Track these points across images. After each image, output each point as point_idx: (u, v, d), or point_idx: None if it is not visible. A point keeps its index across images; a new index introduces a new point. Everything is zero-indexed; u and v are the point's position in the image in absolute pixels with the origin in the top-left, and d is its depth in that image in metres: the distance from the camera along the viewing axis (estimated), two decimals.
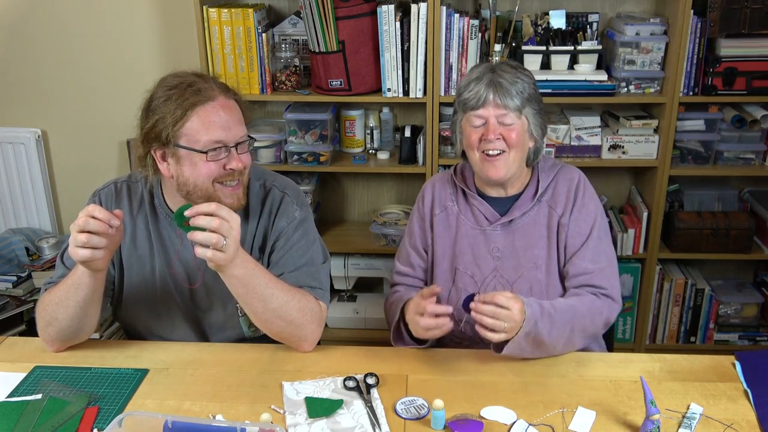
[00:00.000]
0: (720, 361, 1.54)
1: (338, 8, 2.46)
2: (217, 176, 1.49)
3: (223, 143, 1.47)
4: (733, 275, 2.98)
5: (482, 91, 1.62)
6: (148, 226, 1.63)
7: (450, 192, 1.80)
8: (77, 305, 1.48)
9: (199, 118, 1.45)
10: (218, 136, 1.46)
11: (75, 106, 3.00)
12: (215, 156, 1.47)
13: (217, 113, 1.47)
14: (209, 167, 1.47)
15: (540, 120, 1.67)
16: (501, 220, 1.71)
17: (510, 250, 1.70)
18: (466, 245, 1.73)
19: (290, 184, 1.70)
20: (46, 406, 1.40)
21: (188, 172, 1.49)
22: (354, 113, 2.76)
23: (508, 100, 1.61)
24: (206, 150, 1.46)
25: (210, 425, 1.25)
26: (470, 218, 1.75)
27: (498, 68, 1.65)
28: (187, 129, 1.46)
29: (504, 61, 1.75)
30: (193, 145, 1.46)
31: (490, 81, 1.62)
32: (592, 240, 1.67)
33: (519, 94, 1.61)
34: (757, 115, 2.55)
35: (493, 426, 1.35)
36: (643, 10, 2.69)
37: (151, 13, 2.85)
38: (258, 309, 1.49)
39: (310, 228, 1.66)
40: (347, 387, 1.46)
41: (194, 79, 1.49)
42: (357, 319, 2.91)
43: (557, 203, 1.70)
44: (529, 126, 1.65)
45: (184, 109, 1.45)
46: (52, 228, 3.12)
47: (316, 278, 1.62)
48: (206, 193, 1.50)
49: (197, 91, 1.47)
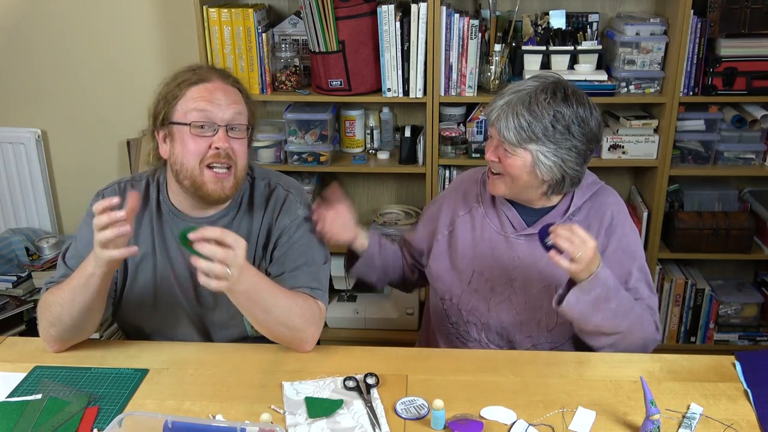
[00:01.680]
0: (720, 361, 1.54)
1: (338, 8, 2.46)
2: (205, 156, 1.49)
3: (209, 118, 1.49)
4: (733, 275, 2.98)
5: (495, 110, 1.55)
6: (151, 225, 1.64)
7: (477, 193, 1.75)
8: (84, 306, 1.48)
9: (187, 96, 1.50)
10: (204, 107, 1.48)
11: (75, 106, 3.00)
12: (200, 130, 1.48)
13: (208, 91, 1.51)
14: (197, 144, 1.49)
15: (555, 160, 1.53)
16: (527, 230, 1.65)
17: (531, 261, 1.65)
18: (487, 248, 1.69)
19: (294, 183, 1.70)
20: (46, 406, 1.40)
21: (178, 150, 1.51)
22: (354, 113, 2.76)
23: (505, 130, 1.53)
24: (187, 123, 1.48)
25: (210, 425, 1.25)
26: (496, 223, 1.69)
27: (531, 95, 1.53)
28: (180, 105, 1.50)
29: (552, 85, 1.55)
30: (182, 119, 1.50)
31: (507, 103, 1.54)
32: (635, 272, 1.62)
33: (517, 131, 1.51)
34: (757, 115, 2.55)
35: (493, 426, 1.34)
36: (643, 10, 2.69)
37: (151, 13, 2.85)
38: (260, 317, 1.49)
39: (312, 227, 1.66)
40: (347, 387, 1.46)
41: (200, 66, 1.57)
42: (357, 319, 2.91)
43: (591, 227, 1.62)
44: (535, 163, 1.54)
45: (180, 87, 1.51)
46: (52, 228, 3.12)
47: (316, 278, 1.62)
48: (192, 174, 1.50)
49: (195, 72, 1.53)
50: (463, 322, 1.72)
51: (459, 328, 1.73)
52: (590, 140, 1.56)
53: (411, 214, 2.87)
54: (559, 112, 1.51)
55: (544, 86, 1.54)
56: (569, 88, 1.55)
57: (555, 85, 1.55)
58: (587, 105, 1.56)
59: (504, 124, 1.53)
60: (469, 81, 2.57)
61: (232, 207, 1.63)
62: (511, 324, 1.67)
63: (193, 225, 1.37)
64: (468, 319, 1.71)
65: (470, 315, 1.70)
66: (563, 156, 1.54)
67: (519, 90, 1.55)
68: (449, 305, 1.73)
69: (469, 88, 2.58)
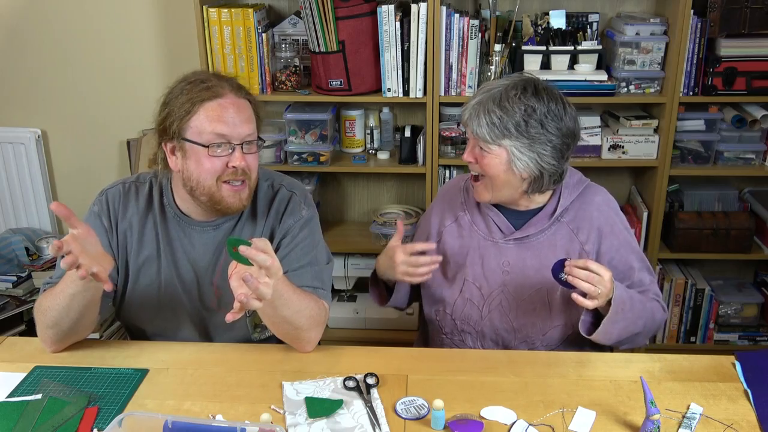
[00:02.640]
0: (720, 361, 1.54)
1: (338, 8, 2.46)
2: (221, 174, 1.50)
3: (226, 138, 1.48)
4: (733, 275, 2.98)
5: (467, 110, 1.57)
6: (156, 227, 1.63)
7: (461, 201, 1.74)
8: (79, 309, 1.48)
9: (205, 112, 1.48)
10: (221, 130, 1.48)
11: (75, 106, 3.00)
12: (216, 151, 1.48)
13: (223, 109, 1.49)
14: (212, 163, 1.49)
15: (531, 155, 1.54)
16: (515, 234, 1.65)
17: (521, 266, 1.65)
18: (476, 256, 1.68)
19: (297, 184, 1.71)
20: (46, 406, 1.40)
21: (193, 167, 1.51)
22: (354, 113, 2.76)
23: (477, 128, 1.54)
24: (208, 144, 1.47)
25: (210, 425, 1.25)
26: (483, 228, 1.69)
27: (503, 92, 1.54)
28: (194, 122, 1.48)
29: (523, 81, 1.56)
30: (197, 138, 1.48)
31: (479, 102, 1.55)
32: (636, 264, 1.65)
33: (490, 126, 1.52)
34: (757, 115, 2.55)
35: (493, 426, 1.34)
36: (643, 10, 2.69)
37: (151, 13, 2.85)
38: (268, 313, 1.49)
39: (315, 228, 1.66)
40: (347, 387, 1.46)
41: (209, 77, 1.53)
42: (357, 319, 2.92)
43: (580, 229, 1.64)
44: (511, 160, 1.54)
45: (192, 103, 1.48)
46: (52, 228, 3.12)
47: (319, 278, 1.62)
48: (209, 191, 1.51)
49: (208, 87, 1.50)
50: (457, 332, 1.71)
51: (454, 338, 1.72)
52: (566, 135, 1.56)
53: (411, 214, 2.87)
54: (530, 107, 1.52)
55: (514, 83, 1.56)
56: (540, 84, 1.57)
57: (525, 82, 1.56)
58: (560, 100, 1.56)
59: (476, 122, 1.54)
60: (469, 81, 2.57)
61: None
62: (505, 330, 1.67)
63: (243, 238, 1.35)
64: (462, 328, 1.70)
65: (464, 324, 1.69)
66: (539, 150, 1.54)
67: (490, 89, 1.57)
68: (442, 316, 1.72)
69: (469, 88, 2.58)
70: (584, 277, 1.44)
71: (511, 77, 1.59)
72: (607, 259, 1.63)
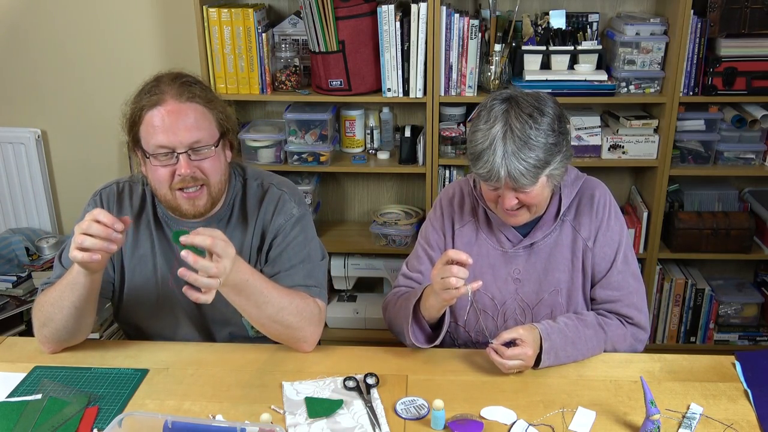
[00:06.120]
0: (720, 361, 1.54)
1: (338, 8, 2.46)
2: (171, 182, 1.49)
3: (168, 148, 1.46)
4: (733, 275, 2.98)
5: (495, 169, 1.45)
6: (149, 226, 1.64)
7: (472, 207, 1.71)
8: (72, 305, 1.47)
9: (147, 122, 1.48)
10: (161, 140, 1.46)
11: (75, 106, 3.00)
12: (159, 161, 1.47)
13: (161, 118, 1.46)
14: (160, 172, 1.49)
15: (563, 163, 1.52)
16: (523, 243, 1.63)
17: (531, 273, 1.64)
18: (486, 266, 1.66)
19: (287, 182, 1.70)
20: (46, 406, 1.40)
21: (150, 175, 1.52)
22: (354, 113, 2.76)
23: (522, 180, 1.46)
24: (149, 155, 1.48)
25: (210, 425, 1.25)
26: (492, 238, 1.67)
27: (511, 131, 1.45)
28: (141, 132, 1.49)
29: (520, 112, 1.47)
30: (145, 147, 1.49)
31: (503, 156, 1.44)
32: (618, 265, 1.62)
33: (532, 171, 1.45)
34: (757, 115, 2.55)
35: (493, 426, 1.34)
36: (643, 10, 2.69)
37: (151, 13, 2.85)
38: (253, 314, 1.49)
39: (307, 225, 1.65)
40: (347, 387, 1.46)
41: (159, 82, 1.50)
42: (357, 319, 2.91)
43: (582, 226, 1.63)
44: (549, 177, 1.51)
45: (137, 112, 1.49)
46: (52, 228, 3.12)
47: (313, 276, 1.61)
48: (165, 198, 1.53)
49: (151, 95, 1.48)
50: (471, 344, 1.70)
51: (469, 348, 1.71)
52: (559, 118, 1.51)
53: (411, 214, 2.87)
54: (544, 131, 1.46)
55: (508, 116, 1.46)
56: (520, 96, 1.50)
57: (509, 103, 1.48)
58: (544, 98, 1.51)
59: (517, 174, 1.45)
60: (469, 81, 2.57)
61: (225, 209, 1.62)
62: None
63: (186, 229, 1.36)
64: (477, 339, 1.68)
65: (479, 335, 1.67)
66: (564, 152, 1.51)
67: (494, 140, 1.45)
68: (454, 328, 1.70)
69: (469, 88, 2.58)
70: (510, 366, 1.47)
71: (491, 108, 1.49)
72: (598, 254, 1.62)
